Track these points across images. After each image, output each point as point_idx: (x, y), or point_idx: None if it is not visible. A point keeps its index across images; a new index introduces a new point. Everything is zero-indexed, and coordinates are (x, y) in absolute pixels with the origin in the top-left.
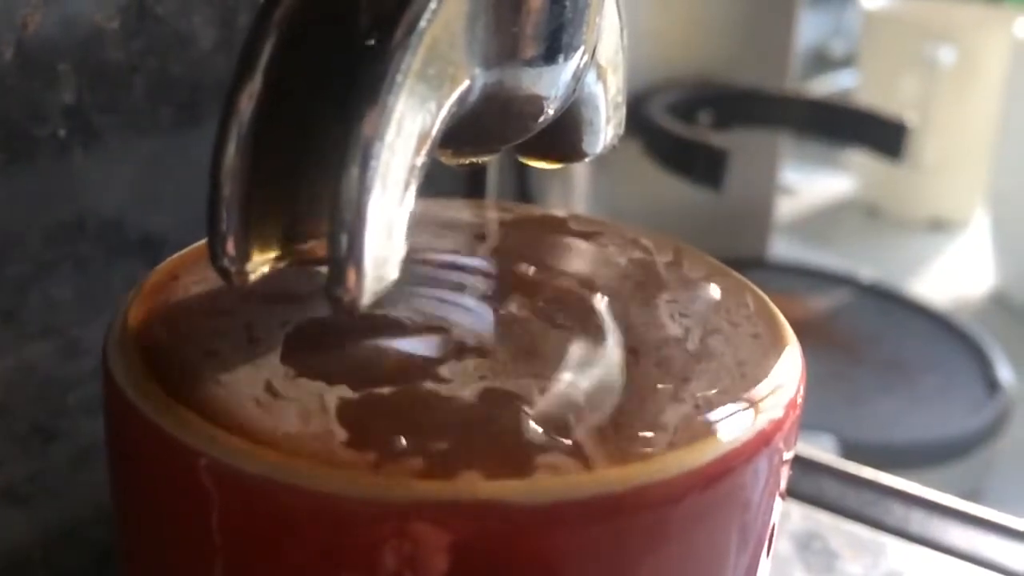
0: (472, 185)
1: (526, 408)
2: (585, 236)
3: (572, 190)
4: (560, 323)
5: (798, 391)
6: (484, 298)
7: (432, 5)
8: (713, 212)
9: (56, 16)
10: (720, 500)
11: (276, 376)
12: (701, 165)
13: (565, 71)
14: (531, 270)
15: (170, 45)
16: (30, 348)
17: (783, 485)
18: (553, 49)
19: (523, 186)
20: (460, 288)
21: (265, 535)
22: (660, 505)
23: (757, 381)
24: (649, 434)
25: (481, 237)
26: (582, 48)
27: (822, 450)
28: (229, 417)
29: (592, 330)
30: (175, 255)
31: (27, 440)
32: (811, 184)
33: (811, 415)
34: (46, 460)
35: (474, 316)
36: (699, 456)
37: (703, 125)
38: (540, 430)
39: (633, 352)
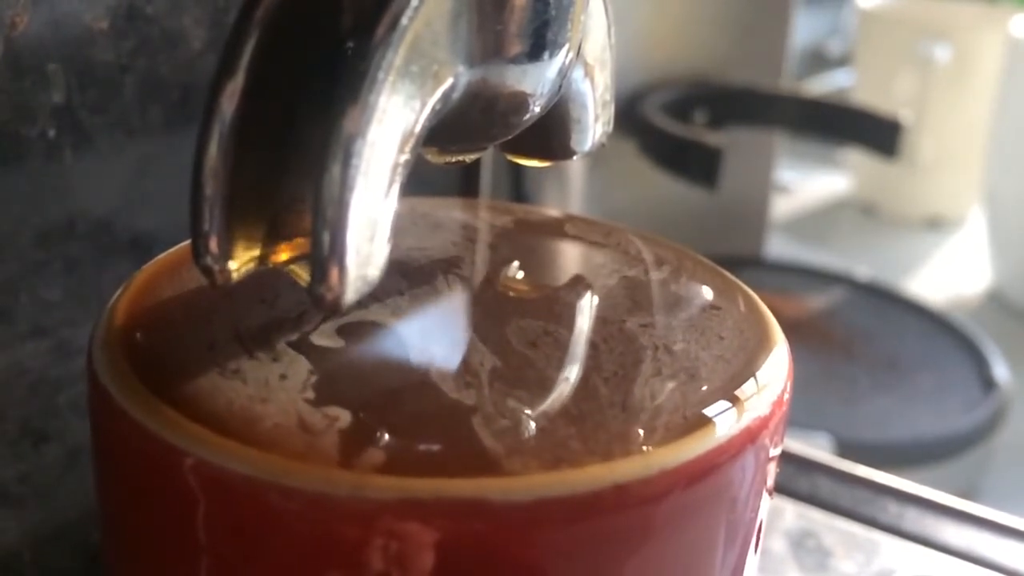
0: (466, 184)
1: (511, 407)
2: (577, 236)
3: (567, 189)
4: (546, 323)
5: (785, 389)
6: (471, 300)
7: (414, 2)
8: (708, 211)
9: (45, 16)
10: (706, 497)
11: (261, 376)
12: (696, 164)
13: (550, 68)
14: (520, 271)
15: (160, 45)
16: (21, 349)
17: (770, 482)
18: (537, 47)
19: (518, 185)
20: (446, 289)
21: (250, 534)
22: (644, 502)
23: (743, 380)
24: (634, 432)
25: (473, 238)
26: (567, 45)
27: (818, 448)
28: (214, 416)
29: (579, 329)
30: (161, 255)
31: (18, 441)
32: (807, 183)
33: (807, 413)
34: (36, 461)
35: (462, 318)
36: (683, 453)
37: (698, 124)
38: (525, 429)
39: (619, 352)
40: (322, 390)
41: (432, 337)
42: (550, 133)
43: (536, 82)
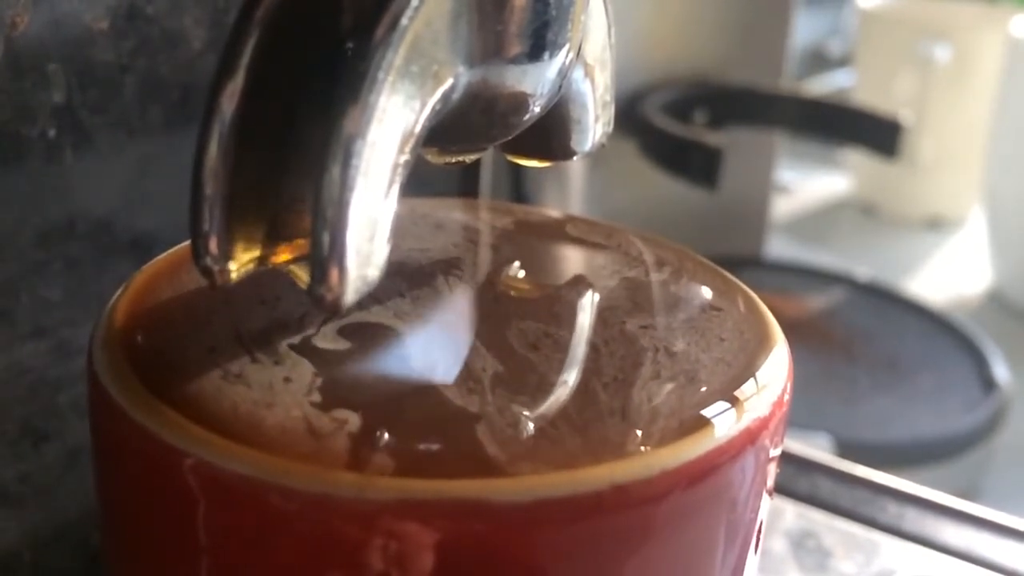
0: (466, 184)
1: (511, 408)
2: (578, 237)
3: (567, 189)
4: (547, 326)
5: (785, 389)
6: (472, 301)
7: (414, 2)
8: (709, 211)
9: (46, 16)
10: (706, 497)
11: (263, 378)
12: (697, 164)
13: (550, 69)
14: (521, 272)
15: (160, 45)
16: (21, 349)
17: (771, 482)
18: (537, 47)
19: (518, 185)
20: (447, 291)
21: (250, 535)
22: (644, 503)
23: (743, 380)
24: (633, 433)
25: (473, 239)
26: (567, 46)
27: (818, 448)
28: (214, 417)
29: (580, 332)
30: (161, 255)
31: (18, 441)
32: (807, 183)
33: (807, 414)
34: (36, 461)
35: (463, 319)
36: (683, 454)
37: (699, 124)
38: (524, 429)
39: (620, 354)
40: (323, 392)
41: (433, 339)
42: (550, 133)
43: (536, 82)
